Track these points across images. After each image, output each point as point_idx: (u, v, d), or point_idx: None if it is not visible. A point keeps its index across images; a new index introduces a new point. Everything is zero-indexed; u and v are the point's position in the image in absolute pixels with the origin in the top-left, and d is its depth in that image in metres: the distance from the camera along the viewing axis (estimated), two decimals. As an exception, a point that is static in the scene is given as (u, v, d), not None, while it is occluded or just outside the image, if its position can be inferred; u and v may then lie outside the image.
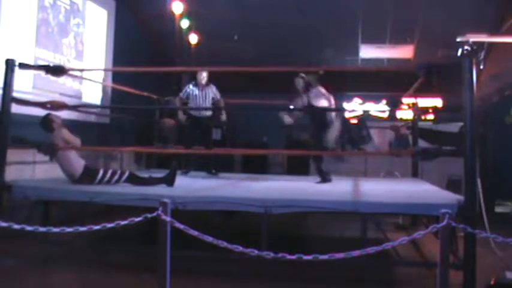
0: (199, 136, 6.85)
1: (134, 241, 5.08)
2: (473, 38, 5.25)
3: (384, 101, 10.80)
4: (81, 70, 7.67)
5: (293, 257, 3.04)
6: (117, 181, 4.97)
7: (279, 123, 6.34)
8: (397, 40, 10.41)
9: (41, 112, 5.01)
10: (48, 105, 4.92)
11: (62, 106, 5.06)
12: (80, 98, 7.83)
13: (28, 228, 3.22)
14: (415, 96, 8.50)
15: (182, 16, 9.93)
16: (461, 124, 4.30)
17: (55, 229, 3.27)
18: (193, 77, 6.94)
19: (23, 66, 4.77)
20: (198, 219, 4.14)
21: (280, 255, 3.09)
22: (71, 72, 6.72)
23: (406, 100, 8.60)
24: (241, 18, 10.00)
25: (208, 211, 4.53)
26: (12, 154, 4.67)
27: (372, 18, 9.70)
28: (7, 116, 4.51)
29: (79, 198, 4.46)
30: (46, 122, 4.94)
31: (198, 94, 6.65)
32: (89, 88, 8.11)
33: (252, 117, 11.14)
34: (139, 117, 9.06)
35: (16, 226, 3.16)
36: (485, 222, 4.90)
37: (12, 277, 4.07)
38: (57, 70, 5.16)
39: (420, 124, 7.67)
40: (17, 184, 4.63)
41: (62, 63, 7.19)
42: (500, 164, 8.64)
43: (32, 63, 6.22)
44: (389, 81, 9.82)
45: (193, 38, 10.58)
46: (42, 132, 4.99)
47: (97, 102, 8.43)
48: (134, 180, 5.06)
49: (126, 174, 5.07)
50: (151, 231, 3.53)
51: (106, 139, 8.46)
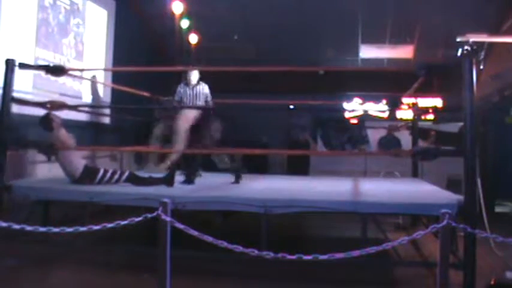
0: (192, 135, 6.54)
1: (134, 241, 5.08)
2: (473, 38, 5.25)
3: (384, 101, 10.80)
4: (81, 70, 7.67)
5: (293, 257, 3.04)
6: (117, 181, 4.98)
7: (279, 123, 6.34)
8: (397, 40, 10.42)
9: (41, 112, 5.00)
10: (47, 105, 4.92)
11: (62, 106, 5.05)
12: (80, 98, 7.82)
13: (28, 228, 3.23)
14: (415, 96, 8.51)
15: (182, 16, 9.94)
16: (461, 124, 4.30)
17: (55, 229, 3.27)
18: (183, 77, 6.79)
19: (23, 66, 4.76)
20: (198, 219, 4.14)
21: (280, 255, 3.09)
22: (71, 72, 6.72)
23: (406, 100, 8.60)
24: (240, 18, 10.01)
25: (208, 211, 4.52)
26: (12, 154, 4.67)
27: (372, 18, 9.71)
28: (7, 116, 4.51)
29: (79, 198, 4.46)
30: (46, 121, 4.94)
31: (189, 93, 6.57)
32: (89, 88, 8.10)
33: (252, 117, 11.15)
34: (139, 117, 9.05)
35: (16, 226, 3.16)
36: (485, 222, 4.90)
37: (12, 277, 4.07)
38: (57, 70, 5.15)
39: (420, 124, 7.67)
40: (17, 184, 4.63)
41: (62, 63, 7.18)
42: (500, 164, 8.64)
43: (32, 63, 6.22)
44: (389, 81, 9.81)
45: (193, 38, 10.58)
46: (42, 132, 4.99)
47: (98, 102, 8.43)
48: (134, 180, 5.06)
49: (126, 174, 5.07)
50: (151, 231, 3.53)
51: (106, 139, 8.46)
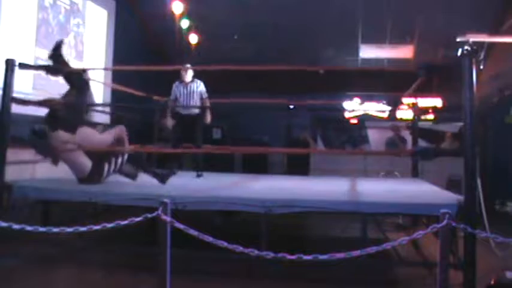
0: (184, 134, 6.61)
1: (134, 241, 5.08)
2: (473, 38, 5.25)
3: (384, 101, 10.80)
4: (81, 70, 7.65)
5: (293, 257, 3.04)
6: (121, 164, 5.04)
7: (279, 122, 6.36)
8: (397, 40, 10.41)
9: (41, 112, 4.99)
10: (46, 103, 4.90)
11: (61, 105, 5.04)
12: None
13: (28, 228, 3.22)
14: (415, 96, 8.48)
15: (182, 16, 9.94)
16: (461, 124, 4.29)
17: (55, 229, 3.27)
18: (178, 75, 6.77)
19: (23, 66, 4.76)
20: (198, 219, 4.13)
21: (280, 255, 3.09)
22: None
23: (406, 100, 8.59)
24: (240, 18, 10.01)
25: (208, 211, 4.52)
26: (12, 154, 4.66)
27: (372, 18, 9.70)
28: (7, 116, 4.50)
29: (79, 198, 4.45)
30: (50, 120, 4.77)
31: (183, 91, 6.55)
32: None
33: (252, 116, 11.17)
34: (139, 117, 9.05)
35: (16, 226, 3.16)
36: (485, 222, 4.90)
37: (12, 277, 4.07)
38: (57, 70, 5.15)
39: (420, 124, 7.67)
40: (17, 184, 4.62)
41: (62, 63, 7.18)
42: (500, 164, 8.64)
43: (32, 63, 6.22)
44: (389, 81, 9.81)
45: (193, 38, 10.59)
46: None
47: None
48: (135, 158, 5.17)
49: (126, 155, 5.13)
50: (151, 231, 3.53)
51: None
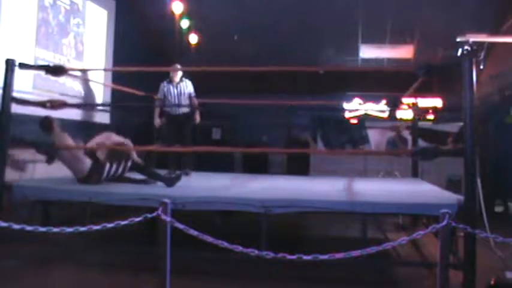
0: (175, 134, 6.60)
1: (134, 241, 5.08)
2: (473, 38, 5.24)
3: (384, 101, 10.80)
4: (81, 70, 7.67)
5: (293, 257, 3.04)
6: (123, 170, 5.02)
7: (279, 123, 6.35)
8: (397, 40, 10.40)
9: (41, 111, 4.99)
10: (47, 104, 4.91)
11: (62, 105, 5.05)
12: (80, 99, 7.82)
13: (28, 228, 3.22)
14: (415, 96, 8.50)
15: (182, 16, 9.93)
16: (461, 124, 4.30)
17: (55, 229, 3.27)
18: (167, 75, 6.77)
19: (23, 66, 4.75)
20: (198, 219, 4.14)
21: (280, 255, 3.09)
22: (71, 72, 6.71)
23: (406, 100, 8.60)
24: (240, 18, 10.01)
25: (208, 211, 4.52)
26: (12, 153, 4.67)
27: (372, 18, 9.70)
28: (7, 116, 4.50)
29: (79, 198, 4.45)
30: (46, 123, 4.92)
31: (173, 91, 6.57)
32: (82, 86, 8.07)
33: (252, 116, 11.16)
34: (139, 116, 9.06)
35: (16, 226, 3.16)
36: (485, 222, 4.90)
37: (12, 277, 4.07)
38: (57, 70, 5.15)
39: (420, 124, 7.67)
40: (17, 184, 4.62)
41: (62, 63, 7.19)
42: (500, 164, 8.64)
43: (32, 63, 6.22)
44: (389, 81, 9.81)
45: (193, 38, 10.58)
46: (41, 132, 4.98)
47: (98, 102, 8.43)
48: (139, 167, 5.14)
49: (129, 162, 5.12)
50: (151, 231, 3.53)
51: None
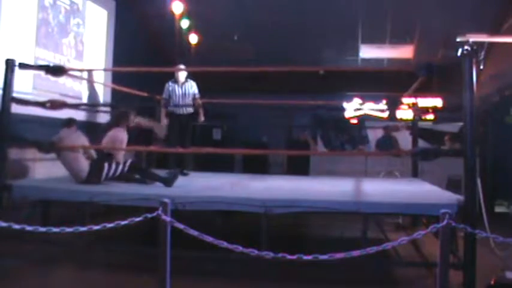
0: (178, 133, 6.62)
1: (134, 241, 5.08)
2: (473, 38, 5.26)
3: (384, 101, 10.80)
4: (81, 70, 7.67)
5: (293, 257, 3.03)
6: (121, 171, 5.02)
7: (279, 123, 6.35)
8: (397, 40, 10.42)
9: (41, 112, 5.00)
10: (47, 104, 4.91)
11: (62, 105, 5.05)
12: (80, 99, 7.82)
13: (28, 228, 3.22)
14: (415, 96, 8.50)
15: (182, 16, 9.94)
16: (461, 124, 4.29)
17: (55, 229, 3.26)
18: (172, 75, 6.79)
19: (23, 66, 4.75)
20: (198, 219, 4.14)
21: (280, 255, 3.09)
22: (71, 72, 6.71)
23: (406, 100, 8.59)
24: (240, 18, 10.01)
25: (208, 211, 4.52)
26: (12, 154, 4.67)
27: (372, 18, 9.71)
28: (7, 116, 4.50)
29: (79, 198, 4.45)
30: (70, 120, 5.14)
31: (178, 91, 6.61)
32: (86, 86, 8.09)
33: (253, 117, 11.15)
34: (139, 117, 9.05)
35: (16, 226, 3.16)
36: (485, 222, 4.90)
37: (12, 277, 4.07)
38: (57, 70, 5.15)
39: (420, 124, 7.67)
40: (17, 184, 4.62)
41: (62, 63, 7.19)
42: (500, 164, 8.63)
43: (32, 63, 6.21)
44: (389, 81, 9.81)
45: (193, 38, 10.59)
46: (41, 132, 4.98)
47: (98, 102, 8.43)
48: (136, 168, 5.15)
49: (128, 162, 5.13)
50: (151, 231, 3.53)
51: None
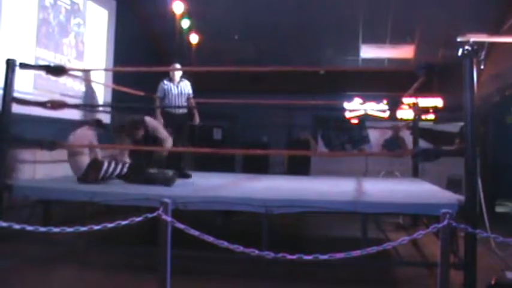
0: (176, 133, 6.41)
1: (135, 241, 5.08)
2: (473, 38, 5.26)
3: (385, 101, 10.81)
4: (81, 70, 7.67)
5: (293, 257, 3.03)
6: (121, 170, 5.01)
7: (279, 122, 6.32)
8: (398, 40, 10.42)
9: (42, 112, 4.99)
10: (48, 104, 4.91)
11: (62, 105, 5.05)
12: (81, 99, 7.82)
13: (28, 228, 3.22)
14: (416, 96, 8.49)
15: (183, 16, 9.94)
16: (461, 124, 4.29)
17: (55, 229, 3.26)
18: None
19: (24, 66, 4.75)
20: (199, 219, 4.14)
21: (280, 255, 3.09)
22: (72, 72, 6.71)
23: (407, 100, 8.60)
24: (241, 18, 10.01)
25: (209, 211, 4.52)
26: (13, 153, 4.67)
27: (373, 18, 9.71)
28: (8, 116, 4.50)
29: (79, 198, 4.44)
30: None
31: (173, 90, 6.56)
32: (83, 86, 8.08)
33: (253, 117, 11.16)
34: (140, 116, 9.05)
35: (16, 226, 3.16)
36: (485, 222, 4.90)
37: (12, 277, 4.07)
38: (57, 70, 5.15)
39: (421, 124, 7.67)
40: (17, 184, 4.62)
41: (63, 63, 7.19)
42: (500, 164, 8.63)
43: (33, 63, 6.22)
44: (389, 81, 9.81)
45: (193, 38, 10.59)
46: (41, 132, 4.98)
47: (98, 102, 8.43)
48: (135, 169, 5.10)
49: (127, 163, 5.14)
50: (152, 231, 3.53)
51: (106, 139, 8.44)
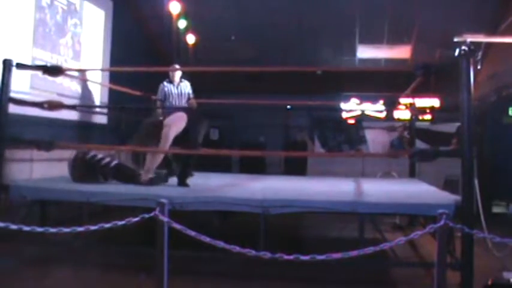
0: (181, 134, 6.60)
1: (132, 241, 5.07)
2: (470, 38, 5.27)
3: (382, 101, 10.83)
4: (78, 70, 7.65)
5: (290, 257, 3.03)
6: (106, 165, 5.07)
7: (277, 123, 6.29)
8: (395, 40, 10.43)
9: (39, 112, 4.98)
10: (45, 104, 4.90)
11: (59, 106, 5.04)
12: (78, 99, 7.80)
13: (25, 228, 3.21)
14: (413, 96, 8.51)
15: (179, 16, 9.93)
16: (458, 124, 4.30)
17: (52, 229, 3.26)
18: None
19: (21, 66, 4.74)
20: (196, 219, 4.13)
21: (277, 255, 3.09)
22: (69, 72, 6.69)
23: (404, 100, 8.61)
24: (238, 18, 10.01)
25: (205, 211, 4.52)
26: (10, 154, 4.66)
27: (370, 18, 9.72)
28: (4, 116, 4.49)
29: (76, 198, 4.44)
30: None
31: (174, 92, 6.55)
32: (80, 86, 8.05)
33: (250, 117, 11.16)
34: (137, 117, 9.04)
35: (13, 226, 3.15)
36: (482, 222, 4.91)
37: (10, 277, 4.05)
38: (54, 70, 5.14)
39: (417, 124, 7.69)
40: (15, 184, 4.61)
41: (60, 63, 7.17)
42: (497, 164, 8.65)
43: (30, 63, 6.20)
44: (386, 81, 9.83)
45: (190, 38, 10.57)
46: (39, 132, 4.97)
47: (95, 103, 8.41)
48: (121, 170, 5.14)
49: (114, 162, 5.17)
50: (149, 231, 3.53)
51: (104, 139, 8.44)
